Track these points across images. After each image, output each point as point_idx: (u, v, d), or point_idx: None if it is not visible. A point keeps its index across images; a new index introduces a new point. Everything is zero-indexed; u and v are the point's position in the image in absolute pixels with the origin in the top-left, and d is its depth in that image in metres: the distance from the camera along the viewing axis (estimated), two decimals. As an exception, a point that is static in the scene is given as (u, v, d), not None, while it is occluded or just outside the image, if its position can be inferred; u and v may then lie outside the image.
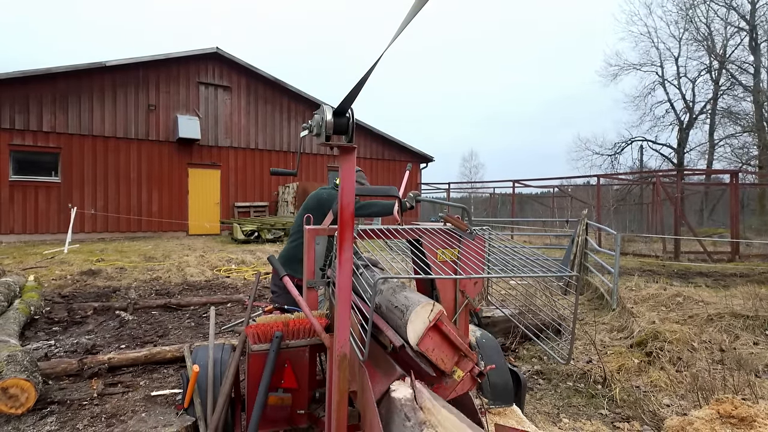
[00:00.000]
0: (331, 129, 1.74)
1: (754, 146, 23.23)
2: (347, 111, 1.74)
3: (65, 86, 13.06)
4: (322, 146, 1.80)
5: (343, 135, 1.79)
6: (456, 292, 2.72)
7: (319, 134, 1.77)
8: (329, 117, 1.72)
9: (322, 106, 1.76)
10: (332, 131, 1.75)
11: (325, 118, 1.72)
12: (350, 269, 1.71)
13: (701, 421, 1.97)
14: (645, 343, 4.47)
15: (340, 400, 1.73)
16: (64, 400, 3.34)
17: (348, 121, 1.75)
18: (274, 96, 16.21)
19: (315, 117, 1.79)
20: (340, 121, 1.74)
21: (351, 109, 1.75)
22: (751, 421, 1.91)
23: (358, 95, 1.66)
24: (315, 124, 1.78)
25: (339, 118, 1.74)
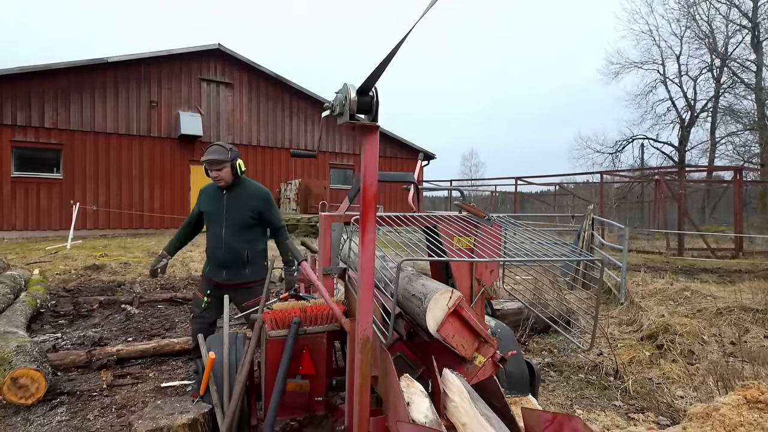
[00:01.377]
0: (355, 108, 1.70)
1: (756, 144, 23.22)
2: (371, 89, 1.71)
3: (67, 82, 13.01)
4: (344, 126, 1.77)
5: (366, 114, 1.76)
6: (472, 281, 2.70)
7: (341, 113, 1.74)
8: (353, 95, 1.69)
9: (345, 85, 1.73)
10: (356, 110, 1.72)
11: (349, 96, 1.69)
12: (373, 251, 1.68)
13: (728, 407, 1.94)
14: (655, 336, 4.45)
15: (363, 383, 1.70)
16: (74, 390, 3.32)
17: (372, 100, 1.72)
18: (276, 93, 16.17)
19: (337, 96, 1.76)
20: (364, 99, 1.71)
21: (375, 88, 1.72)
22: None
23: (383, 74, 1.64)
24: (337, 103, 1.75)
25: (363, 97, 1.71)
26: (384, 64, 1.55)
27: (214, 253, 3.16)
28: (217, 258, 3.14)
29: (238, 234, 3.11)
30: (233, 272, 3.14)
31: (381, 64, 1.56)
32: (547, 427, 1.57)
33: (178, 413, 2.17)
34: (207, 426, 2.20)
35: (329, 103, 1.81)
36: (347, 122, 1.72)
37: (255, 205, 3.13)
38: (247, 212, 3.11)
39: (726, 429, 1.92)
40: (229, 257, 3.12)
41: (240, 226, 3.11)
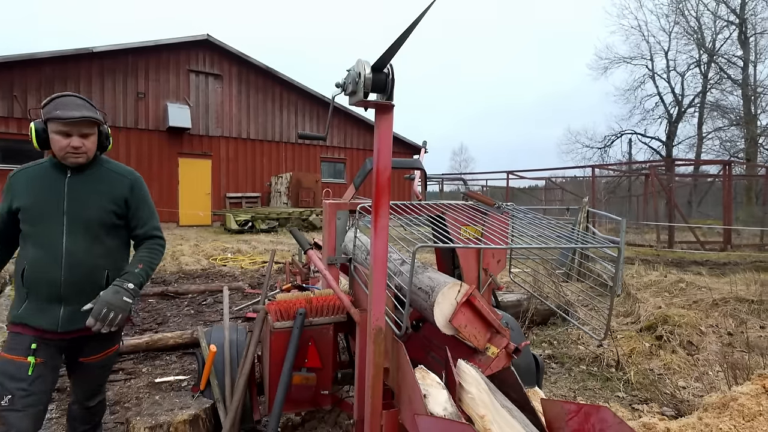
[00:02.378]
0: (369, 86, 1.61)
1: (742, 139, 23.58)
2: (387, 66, 1.62)
3: (51, 72, 12.65)
4: (357, 105, 1.68)
5: (380, 93, 1.67)
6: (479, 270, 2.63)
7: (354, 92, 1.65)
8: (367, 72, 1.60)
9: (358, 61, 1.63)
10: (370, 89, 1.63)
11: (363, 73, 1.60)
12: (386, 237, 1.60)
13: (746, 397, 1.91)
14: (654, 328, 4.45)
15: (376, 375, 1.63)
16: (64, 387, 3.20)
17: (387, 78, 1.63)
18: (266, 85, 15.93)
19: (349, 73, 1.67)
20: (379, 77, 1.62)
21: (390, 65, 1.63)
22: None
23: (399, 50, 1.55)
24: (350, 80, 1.65)
25: (377, 74, 1.62)
26: (401, 39, 1.46)
27: (41, 277, 1.76)
28: (50, 285, 1.76)
29: (91, 242, 1.82)
30: (81, 311, 1.72)
31: (398, 40, 1.46)
32: (571, 417, 1.51)
33: (177, 409, 2.08)
34: (209, 422, 2.11)
35: (340, 81, 1.72)
36: (360, 101, 1.64)
37: (120, 194, 1.90)
38: (109, 205, 1.86)
39: (745, 419, 1.88)
40: (74, 283, 1.78)
41: (94, 228, 1.84)
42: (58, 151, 1.79)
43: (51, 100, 1.83)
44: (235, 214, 12.92)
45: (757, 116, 23.44)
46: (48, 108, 1.79)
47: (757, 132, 22.84)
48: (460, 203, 2.44)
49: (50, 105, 1.80)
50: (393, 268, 2.12)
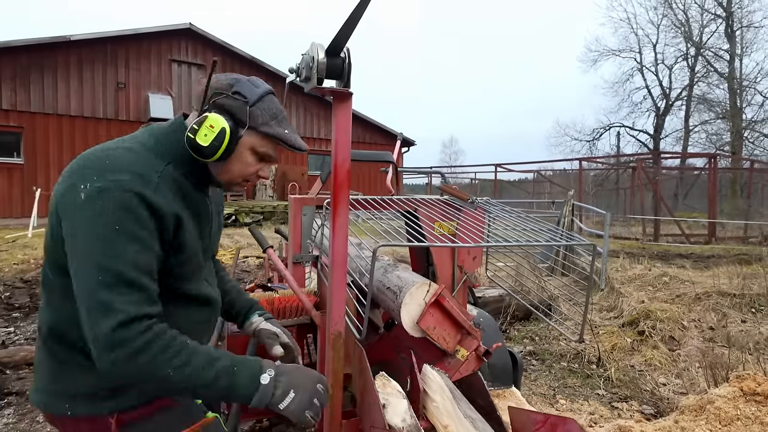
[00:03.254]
0: (324, 72, 1.48)
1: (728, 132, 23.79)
2: (342, 50, 1.49)
3: (27, 61, 12.26)
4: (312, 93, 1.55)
5: (337, 79, 1.54)
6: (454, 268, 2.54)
7: (308, 78, 1.52)
8: (321, 57, 1.47)
9: (312, 44, 1.50)
10: (324, 74, 1.50)
11: (316, 58, 1.47)
12: (345, 237, 1.48)
13: (723, 400, 1.83)
14: (636, 323, 4.41)
15: (335, 383, 1.52)
16: (23, 390, 3.07)
17: (343, 63, 1.50)
18: (251, 75, 15.61)
19: (303, 57, 1.54)
20: (334, 62, 1.48)
21: (347, 49, 1.50)
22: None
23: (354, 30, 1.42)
24: (303, 65, 1.52)
25: (332, 59, 1.49)
26: (355, 17, 1.33)
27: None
28: None
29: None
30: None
31: (351, 18, 1.33)
32: (538, 428, 1.43)
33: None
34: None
35: (294, 66, 1.59)
36: (315, 89, 1.51)
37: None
38: None
39: (722, 423, 1.81)
40: None
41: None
42: (240, 174, 1.18)
43: (261, 98, 1.26)
44: (219, 207, 12.69)
45: (743, 110, 23.66)
46: (263, 115, 1.22)
47: (742, 125, 23.06)
48: (433, 198, 2.33)
49: (265, 110, 1.24)
50: (365, 265, 2.01)
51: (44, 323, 1.04)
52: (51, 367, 1.03)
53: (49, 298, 1.05)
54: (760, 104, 23.30)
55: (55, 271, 1.01)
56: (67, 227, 0.95)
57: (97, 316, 0.90)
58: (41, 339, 1.06)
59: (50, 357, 1.03)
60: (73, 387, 1.01)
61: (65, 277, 0.96)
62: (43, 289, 1.06)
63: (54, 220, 0.98)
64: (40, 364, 1.05)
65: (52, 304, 1.04)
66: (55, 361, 1.02)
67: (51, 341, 1.03)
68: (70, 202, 0.94)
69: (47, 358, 1.04)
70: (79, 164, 1.00)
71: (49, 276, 1.03)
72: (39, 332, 1.07)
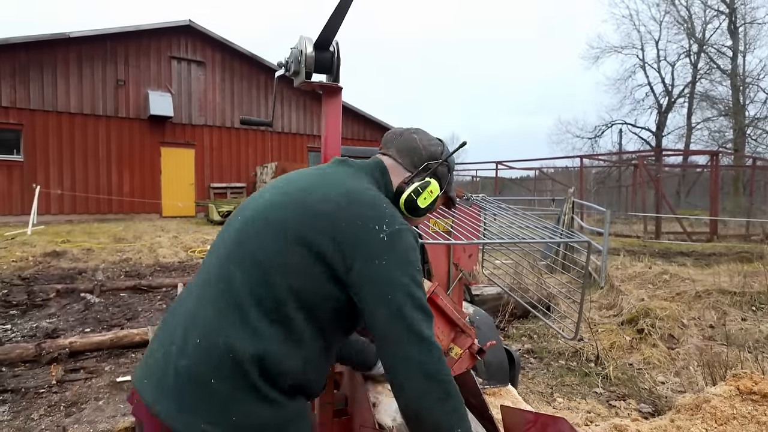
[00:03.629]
0: (312, 65, 1.45)
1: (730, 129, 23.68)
2: (331, 43, 1.47)
3: (26, 58, 12.23)
4: (301, 87, 1.52)
5: (326, 73, 1.52)
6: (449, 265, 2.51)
7: (297, 72, 1.50)
8: (309, 50, 1.44)
9: (300, 37, 1.48)
10: (313, 68, 1.47)
11: (305, 51, 1.45)
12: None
13: (719, 399, 1.81)
14: (635, 321, 4.38)
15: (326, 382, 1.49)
16: (19, 388, 3.06)
17: (332, 56, 1.48)
18: (251, 72, 15.60)
19: (292, 51, 1.51)
20: (323, 56, 1.46)
21: (336, 42, 1.48)
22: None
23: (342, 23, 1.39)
24: (292, 59, 1.50)
25: (321, 53, 1.46)
26: (342, 9, 1.31)
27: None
28: None
29: None
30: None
31: (338, 11, 1.31)
32: (529, 428, 1.40)
33: (120, 416, 1.94)
34: (154, 429, 1.98)
35: (283, 60, 1.56)
36: (304, 83, 1.48)
37: None
38: None
39: (718, 422, 1.79)
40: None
41: None
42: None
43: (455, 166, 1.35)
44: (217, 204, 12.69)
45: (745, 107, 23.54)
46: (453, 181, 1.32)
47: (745, 122, 22.94)
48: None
49: (453, 177, 1.32)
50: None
51: (247, 352, 0.90)
52: (238, 402, 0.90)
53: (279, 330, 0.94)
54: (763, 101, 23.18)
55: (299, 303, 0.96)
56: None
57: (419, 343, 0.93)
58: (233, 372, 0.90)
59: (242, 392, 0.90)
60: (261, 422, 0.92)
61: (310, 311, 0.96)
62: (263, 316, 0.93)
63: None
64: (219, 398, 0.90)
65: (263, 335, 0.92)
66: (249, 396, 0.91)
67: (250, 376, 0.90)
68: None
69: (235, 395, 0.90)
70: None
71: (288, 306, 0.94)
72: (224, 363, 0.90)
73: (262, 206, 1.05)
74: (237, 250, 0.99)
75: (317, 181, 1.07)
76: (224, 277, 0.97)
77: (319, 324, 0.98)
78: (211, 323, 0.93)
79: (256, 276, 0.95)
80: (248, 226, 1.02)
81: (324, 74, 1.51)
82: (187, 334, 0.94)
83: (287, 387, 0.95)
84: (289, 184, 1.09)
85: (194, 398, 0.90)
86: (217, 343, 0.91)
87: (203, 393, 0.89)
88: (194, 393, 0.90)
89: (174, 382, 0.91)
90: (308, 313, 0.96)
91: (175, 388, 0.91)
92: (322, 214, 0.98)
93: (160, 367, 0.94)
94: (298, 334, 0.95)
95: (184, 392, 0.90)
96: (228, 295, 0.95)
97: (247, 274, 0.95)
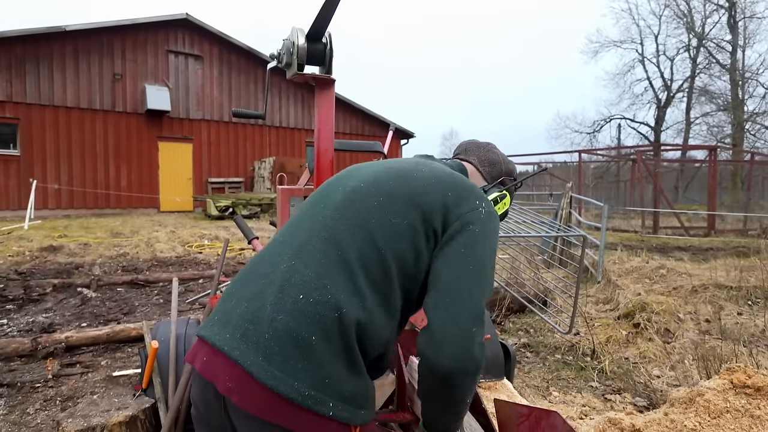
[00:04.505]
0: (304, 57, 1.44)
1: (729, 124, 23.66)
2: (323, 35, 1.45)
3: (22, 52, 12.16)
4: (294, 80, 1.51)
5: (318, 65, 1.51)
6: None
7: (290, 64, 1.48)
8: (301, 42, 1.43)
9: (292, 29, 1.46)
10: (305, 60, 1.46)
11: (297, 43, 1.43)
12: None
13: (713, 392, 1.81)
14: (632, 315, 4.39)
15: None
16: (14, 382, 3.05)
17: (325, 48, 1.46)
18: (249, 66, 15.52)
19: (284, 43, 1.50)
20: (315, 47, 1.45)
21: (328, 33, 1.46)
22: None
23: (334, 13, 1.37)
24: (284, 51, 1.48)
25: (313, 44, 1.45)
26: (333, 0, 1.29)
27: None
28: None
29: None
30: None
31: (329, 1, 1.29)
32: (522, 422, 1.40)
33: (114, 410, 1.94)
34: (148, 423, 1.97)
35: (275, 51, 1.55)
36: (296, 75, 1.47)
37: None
38: None
39: (711, 416, 1.79)
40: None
41: None
42: None
43: None
44: (215, 199, 12.66)
45: (744, 101, 23.51)
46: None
47: (743, 117, 22.92)
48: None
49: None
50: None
51: (352, 319, 0.89)
52: (334, 365, 0.88)
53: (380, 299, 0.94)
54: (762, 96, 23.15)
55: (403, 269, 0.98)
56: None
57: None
58: (337, 333, 0.88)
59: (339, 355, 0.88)
60: (348, 390, 0.90)
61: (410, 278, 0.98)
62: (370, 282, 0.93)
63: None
64: (318, 357, 0.87)
65: (367, 299, 0.92)
66: (344, 360, 0.89)
67: (350, 340, 0.89)
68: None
69: (334, 356, 0.88)
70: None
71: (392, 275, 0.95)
72: (329, 322, 0.88)
73: (371, 177, 1.06)
74: (346, 214, 0.98)
75: (414, 165, 1.11)
76: (331, 240, 0.95)
77: (410, 298, 0.99)
78: (316, 282, 0.90)
79: (367, 240, 0.94)
80: (356, 194, 1.02)
81: (317, 66, 1.49)
82: (284, 291, 0.90)
83: (373, 359, 0.95)
84: (385, 166, 1.12)
85: (290, 353, 0.85)
86: (323, 301, 0.88)
87: (302, 350, 0.85)
88: (291, 348, 0.85)
89: (268, 336, 0.86)
90: (405, 284, 0.96)
91: (267, 343, 0.85)
92: (432, 184, 1.03)
93: (247, 320, 0.89)
94: (393, 305, 0.95)
95: (280, 347, 0.85)
96: (336, 258, 0.92)
97: (357, 238, 0.95)
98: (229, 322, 0.91)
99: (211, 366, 0.89)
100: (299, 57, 1.41)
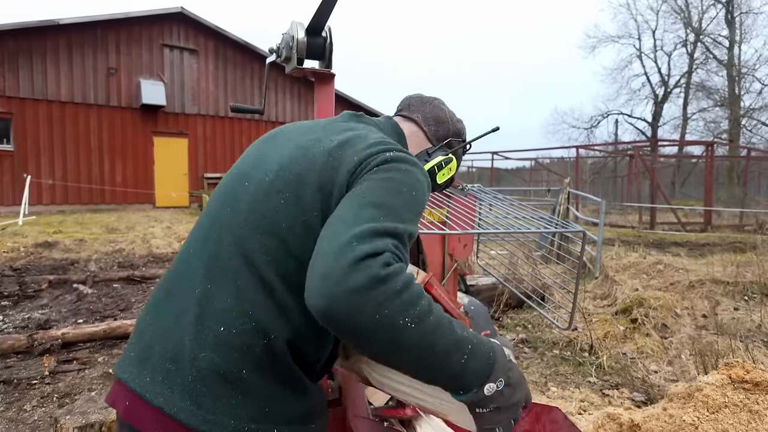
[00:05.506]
0: (304, 51, 1.42)
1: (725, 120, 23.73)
2: (323, 29, 1.43)
3: (14, 45, 12.02)
4: (293, 74, 1.49)
5: (318, 59, 1.48)
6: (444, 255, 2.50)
7: (289, 58, 1.46)
8: (301, 36, 1.41)
9: (292, 23, 1.44)
10: (305, 54, 1.44)
11: (296, 37, 1.41)
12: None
13: (711, 387, 1.81)
14: (629, 310, 4.41)
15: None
16: (11, 379, 3.04)
17: (325, 42, 1.44)
18: (245, 60, 15.42)
19: (283, 37, 1.47)
20: (315, 41, 1.43)
21: (328, 28, 1.44)
22: (767, 386, 1.76)
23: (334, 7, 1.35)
24: (284, 45, 1.46)
25: (313, 38, 1.43)
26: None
27: None
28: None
29: None
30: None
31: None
32: (523, 417, 1.40)
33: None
34: (146, 420, 1.96)
35: (275, 46, 1.53)
36: (295, 69, 1.45)
37: None
38: None
39: (710, 411, 1.79)
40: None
41: None
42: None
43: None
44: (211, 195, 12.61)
45: (741, 97, 23.58)
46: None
47: (740, 113, 22.99)
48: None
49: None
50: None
51: (282, 342, 0.79)
52: (273, 391, 0.80)
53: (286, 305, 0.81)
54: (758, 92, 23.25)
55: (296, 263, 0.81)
56: None
57: None
58: (269, 361, 0.79)
59: (276, 380, 0.80)
60: (293, 410, 0.82)
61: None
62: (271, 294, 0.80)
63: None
64: (252, 389, 0.78)
65: (293, 313, 0.81)
66: (281, 384, 0.81)
67: (286, 361, 0.80)
68: None
69: (271, 383, 0.80)
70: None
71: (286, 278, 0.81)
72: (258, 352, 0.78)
73: (275, 166, 0.89)
74: (253, 221, 0.83)
75: (322, 133, 0.95)
76: (242, 253, 0.81)
77: None
78: (237, 309, 0.79)
79: (281, 250, 0.81)
80: (260, 194, 0.86)
81: (316, 60, 1.47)
82: (204, 323, 0.79)
83: (316, 373, 0.87)
84: (295, 143, 0.95)
85: (220, 392, 0.77)
86: (248, 330, 0.78)
87: (233, 386, 0.77)
88: (220, 387, 0.77)
89: (192, 378, 0.77)
90: None
91: (192, 385, 0.77)
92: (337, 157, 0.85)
93: (167, 359, 0.79)
94: None
95: (208, 387, 0.77)
96: (251, 276, 0.80)
97: (269, 249, 0.81)
98: (148, 360, 0.81)
99: (134, 413, 0.79)
100: (299, 51, 1.39)
